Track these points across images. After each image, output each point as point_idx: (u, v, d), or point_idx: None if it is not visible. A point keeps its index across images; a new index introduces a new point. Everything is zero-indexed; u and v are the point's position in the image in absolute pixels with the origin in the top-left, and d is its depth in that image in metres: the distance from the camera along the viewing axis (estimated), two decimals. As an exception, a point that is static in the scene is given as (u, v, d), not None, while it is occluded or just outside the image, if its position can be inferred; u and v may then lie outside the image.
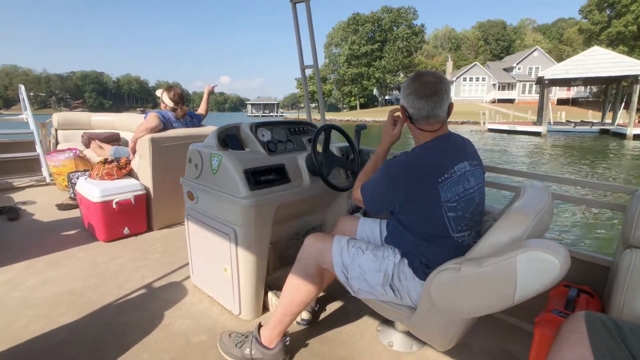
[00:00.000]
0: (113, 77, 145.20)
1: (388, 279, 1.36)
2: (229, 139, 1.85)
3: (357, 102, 60.46)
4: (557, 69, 22.67)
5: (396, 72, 58.37)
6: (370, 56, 57.53)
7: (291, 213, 1.96)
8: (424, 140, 1.34)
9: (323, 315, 1.94)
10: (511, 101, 48.91)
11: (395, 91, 62.16)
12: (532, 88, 48.87)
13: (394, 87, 60.82)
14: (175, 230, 3.12)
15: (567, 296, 1.42)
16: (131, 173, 3.10)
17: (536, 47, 53.06)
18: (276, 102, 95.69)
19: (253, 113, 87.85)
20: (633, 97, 20.60)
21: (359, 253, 1.43)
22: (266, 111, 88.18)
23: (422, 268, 1.32)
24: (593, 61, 21.21)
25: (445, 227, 1.26)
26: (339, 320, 1.88)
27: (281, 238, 1.99)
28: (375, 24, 58.51)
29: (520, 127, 25.12)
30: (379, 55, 57.99)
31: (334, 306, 2.01)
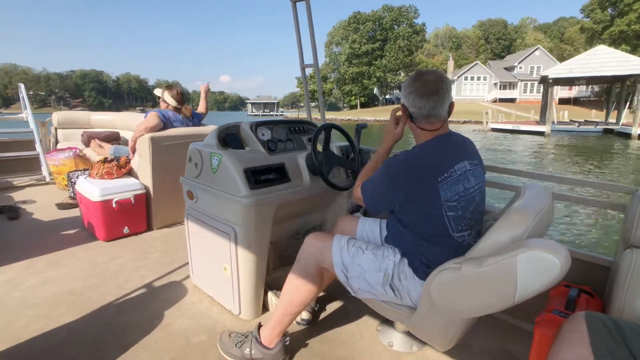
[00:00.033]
0: (113, 76, 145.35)
1: (388, 279, 1.36)
2: (229, 138, 1.84)
3: (358, 101, 60.35)
4: (562, 68, 22.32)
5: (397, 71, 58.08)
6: (371, 55, 57.21)
7: (291, 212, 1.95)
8: (425, 139, 1.34)
9: (323, 315, 1.94)
10: (512, 100, 48.54)
11: (395, 90, 61.94)
12: (534, 87, 48.49)
13: (395, 86, 60.68)
14: (175, 229, 3.12)
15: (568, 296, 1.42)
16: (131, 172, 3.10)
17: (538, 46, 52.50)
18: (276, 101, 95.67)
19: (253, 112, 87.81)
20: (638, 96, 20.38)
21: (359, 252, 1.43)
22: (266, 110, 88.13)
23: (422, 268, 1.31)
24: (598, 60, 20.92)
25: (445, 227, 1.25)
26: (339, 320, 1.88)
27: (281, 237, 1.99)
28: (376, 23, 58.16)
29: (523, 127, 24.83)
30: (380, 54, 57.68)
31: (334, 306, 2.01)
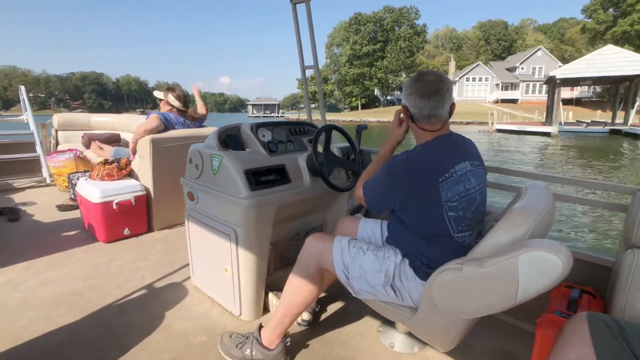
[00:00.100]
0: (112, 78, 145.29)
1: (389, 280, 1.36)
2: (230, 140, 1.84)
3: (359, 103, 60.33)
4: (570, 68, 22.06)
5: (398, 72, 58.03)
6: (372, 56, 57.20)
7: (292, 213, 1.95)
8: (425, 139, 1.34)
9: (324, 316, 1.93)
10: (514, 101, 48.46)
11: (397, 91, 61.92)
12: (536, 88, 48.46)
13: (396, 88, 60.63)
14: (175, 230, 3.11)
15: (569, 297, 1.42)
16: (131, 174, 3.10)
17: (540, 47, 52.32)
18: (277, 103, 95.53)
19: (254, 113, 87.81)
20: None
21: (360, 253, 1.43)
22: (267, 112, 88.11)
23: (423, 268, 1.31)
24: (606, 60, 20.73)
25: (445, 227, 1.25)
26: (340, 321, 1.88)
27: (282, 238, 1.99)
28: (377, 24, 58.15)
29: (529, 128, 24.62)
30: (381, 55, 57.66)
31: (335, 307, 2.01)
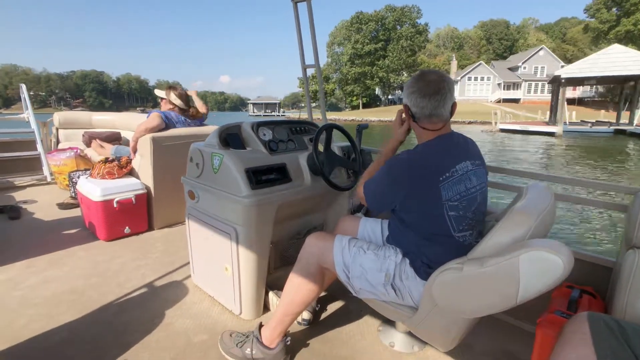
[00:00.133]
0: (113, 77, 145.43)
1: (389, 279, 1.36)
2: (230, 138, 1.84)
3: (360, 102, 60.22)
4: (576, 68, 21.77)
5: (400, 72, 57.79)
6: (373, 55, 56.95)
7: (292, 212, 1.95)
8: (427, 139, 1.34)
9: (324, 315, 1.93)
10: (516, 101, 48.22)
11: (398, 91, 61.76)
12: (538, 87, 48.24)
13: (397, 87, 60.44)
14: (176, 229, 3.12)
15: (570, 297, 1.41)
16: (132, 172, 3.10)
17: (542, 47, 51.99)
18: (278, 102, 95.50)
19: (255, 112, 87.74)
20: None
21: (361, 253, 1.43)
22: (268, 110, 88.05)
23: (424, 268, 1.31)
24: (612, 59, 20.50)
25: (446, 226, 1.25)
26: (340, 320, 1.88)
27: (282, 237, 1.99)
28: (378, 23, 57.86)
29: (533, 127, 24.25)
30: (383, 54, 57.38)
31: (335, 306, 2.01)
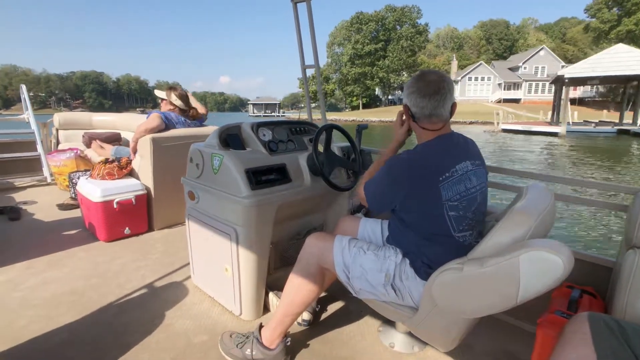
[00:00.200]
0: (113, 77, 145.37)
1: (389, 279, 1.36)
2: (230, 139, 1.84)
3: (360, 102, 60.16)
4: (580, 67, 21.54)
5: (400, 72, 57.67)
6: (374, 55, 56.83)
7: (292, 213, 1.95)
8: (427, 139, 1.34)
9: (324, 315, 1.93)
10: (517, 101, 48.10)
11: (398, 91, 61.69)
12: (539, 88, 48.20)
13: (398, 87, 60.35)
14: (176, 230, 3.11)
15: (570, 297, 1.41)
16: (132, 173, 3.10)
17: (543, 46, 51.83)
18: (278, 102, 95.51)
19: (255, 113, 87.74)
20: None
21: (361, 253, 1.43)
22: (268, 111, 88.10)
23: (424, 268, 1.31)
24: (616, 59, 20.37)
25: (446, 226, 1.25)
26: (340, 320, 1.88)
27: (282, 238, 1.99)
28: (379, 23, 57.77)
29: (536, 128, 24.04)
30: (383, 54, 57.27)
31: (335, 307, 2.01)
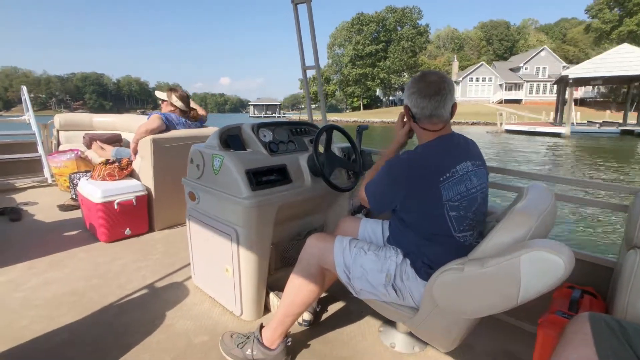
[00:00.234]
0: (113, 79, 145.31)
1: (390, 280, 1.36)
2: (231, 140, 1.84)
3: (361, 103, 60.12)
4: (583, 68, 21.42)
5: (401, 73, 57.62)
6: (374, 56, 56.80)
7: (293, 213, 1.95)
8: (427, 139, 1.34)
9: (325, 316, 1.93)
10: (518, 101, 48.00)
11: (399, 92, 61.58)
12: (540, 88, 48.18)
13: (398, 88, 60.29)
14: (176, 230, 3.11)
15: (571, 297, 1.41)
16: (133, 174, 3.10)
17: (544, 47, 51.71)
18: (279, 103, 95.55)
19: (255, 114, 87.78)
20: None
21: (361, 253, 1.43)
22: (268, 112, 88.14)
23: (425, 268, 1.31)
24: (620, 59, 20.24)
25: (447, 227, 1.25)
26: (341, 321, 1.88)
27: (283, 239, 1.99)
28: (379, 24, 57.73)
29: (540, 128, 23.80)
30: (384, 55, 57.21)
31: (336, 307, 2.01)
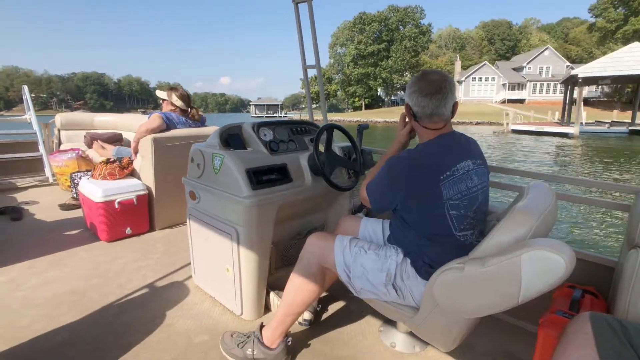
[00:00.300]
0: (114, 78, 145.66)
1: (390, 279, 1.35)
2: (231, 139, 1.84)
3: (362, 103, 60.00)
4: (594, 67, 21.15)
5: (403, 72, 57.45)
6: (377, 56, 56.65)
7: (293, 213, 1.95)
8: (428, 138, 1.34)
9: (325, 315, 1.93)
10: (521, 101, 47.86)
11: (401, 92, 61.46)
12: (543, 88, 48.11)
13: (400, 88, 60.08)
14: (177, 230, 3.12)
15: (572, 297, 1.40)
16: (133, 173, 3.10)
17: (547, 47, 51.54)
18: (280, 103, 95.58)
19: (257, 114, 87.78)
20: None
21: (362, 252, 1.42)
22: (269, 112, 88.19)
23: (425, 267, 1.31)
24: (631, 58, 20.00)
25: (447, 226, 1.25)
26: (341, 320, 1.87)
27: (283, 238, 1.99)
28: (382, 24, 57.57)
29: (547, 128, 23.36)
30: (386, 54, 57.06)
31: (336, 306, 2.00)
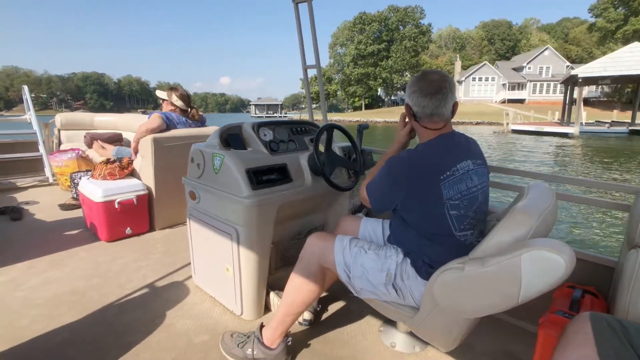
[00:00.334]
0: (114, 78, 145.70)
1: (390, 279, 1.35)
2: (231, 139, 1.84)
3: (362, 103, 59.96)
4: (594, 67, 21.12)
5: (403, 72, 57.43)
6: (377, 56, 56.64)
7: (293, 213, 1.95)
8: (428, 138, 1.34)
9: (325, 315, 1.93)
10: (521, 101, 47.83)
11: (401, 92, 61.44)
12: (544, 88, 48.12)
13: (400, 88, 60.07)
14: (177, 230, 3.12)
15: (572, 297, 1.40)
16: (133, 173, 3.10)
17: (547, 47, 51.51)
18: (280, 103, 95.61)
19: (257, 114, 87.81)
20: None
21: (362, 252, 1.42)
22: (270, 112, 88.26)
23: (425, 267, 1.31)
24: (631, 58, 19.98)
25: (447, 226, 1.25)
26: (341, 320, 1.87)
27: (283, 238, 1.99)
28: (382, 24, 57.55)
29: (548, 128, 23.33)
30: (386, 54, 57.04)
31: (336, 306, 2.00)
